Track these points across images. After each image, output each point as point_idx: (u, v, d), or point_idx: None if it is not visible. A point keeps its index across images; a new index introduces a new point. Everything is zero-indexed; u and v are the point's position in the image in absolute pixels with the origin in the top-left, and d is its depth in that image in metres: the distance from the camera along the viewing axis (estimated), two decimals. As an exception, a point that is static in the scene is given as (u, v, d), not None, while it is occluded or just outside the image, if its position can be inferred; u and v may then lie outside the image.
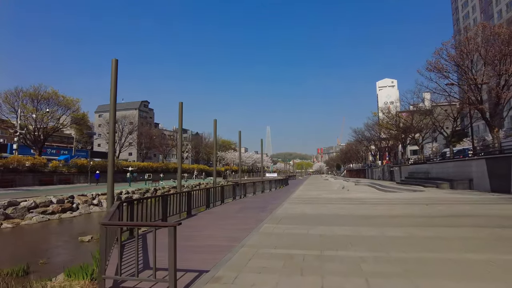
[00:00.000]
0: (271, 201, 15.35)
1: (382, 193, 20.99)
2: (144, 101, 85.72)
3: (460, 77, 22.28)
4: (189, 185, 39.90)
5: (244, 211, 11.62)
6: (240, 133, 20.10)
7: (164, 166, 56.41)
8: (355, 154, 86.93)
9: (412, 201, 14.52)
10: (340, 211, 11.19)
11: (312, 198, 17.06)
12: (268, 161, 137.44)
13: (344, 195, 18.54)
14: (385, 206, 12.47)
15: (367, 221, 8.76)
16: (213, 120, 20.40)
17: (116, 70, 8.15)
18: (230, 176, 67.44)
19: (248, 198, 17.22)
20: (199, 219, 9.78)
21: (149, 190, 30.75)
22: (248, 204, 14.09)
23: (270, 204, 13.57)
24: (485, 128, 58.37)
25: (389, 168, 46.81)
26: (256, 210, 11.78)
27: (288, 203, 14.21)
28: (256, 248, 5.81)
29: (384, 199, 15.69)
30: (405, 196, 17.10)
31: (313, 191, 22.83)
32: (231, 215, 10.47)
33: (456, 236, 6.62)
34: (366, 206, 12.60)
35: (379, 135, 53.58)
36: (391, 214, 10.16)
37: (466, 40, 20.13)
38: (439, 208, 11.66)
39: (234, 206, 13.29)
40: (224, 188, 14.70)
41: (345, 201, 15.15)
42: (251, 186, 19.28)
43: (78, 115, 36.46)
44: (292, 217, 9.82)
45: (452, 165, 25.28)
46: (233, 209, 12.07)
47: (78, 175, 36.69)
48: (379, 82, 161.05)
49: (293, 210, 11.57)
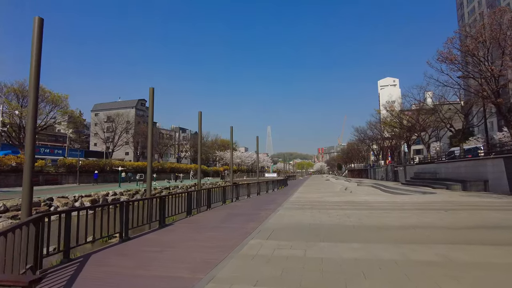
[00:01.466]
0: (265, 205, 13.52)
1: (390, 196, 19.15)
2: (141, 99, 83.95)
3: (473, 69, 20.35)
4: (184, 185, 38.10)
5: (231, 219, 9.79)
6: (232, 129, 18.23)
7: (159, 166, 54.64)
8: (356, 153, 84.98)
9: (426, 205, 12.68)
10: (345, 219, 9.35)
11: (312, 201, 15.23)
12: (268, 161, 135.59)
13: (347, 198, 16.70)
14: (397, 213, 10.62)
15: (380, 235, 6.93)
16: (198, 112, 18.40)
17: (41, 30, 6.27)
18: (228, 176, 65.58)
19: (240, 202, 15.40)
20: (171, 231, 7.95)
21: (139, 191, 28.96)
22: (238, 210, 12.26)
23: (263, 210, 11.74)
24: (491, 126, 56.53)
25: (393, 168, 44.90)
26: (245, 218, 9.94)
27: (284, 208, 12.37)
28: (228, 284, 3.98)
29: (393, 203, 13.84)
30: (416, 200, 15.25)
31: (313, 193, 20.98)
32: (213, 226, 8.64)
33: (509, 260, 4.79)
34: (375, 213, 10.76)
35: (382, 133, 51.66)
36: (407, 224, 8.32)
37: (482, 27, 18.27)
38: (461, 215, 9.82)
39: (221, 212, 11.46)
40: (211, 191, 12.86)
41: (349, 205, 13.31)
42: (245, 187, 17.45)
43: (66, 111, 34.67)
44: (287, 228, 7.99)
45: (464, 164, 23.40)
46: (218, 217, 10.24)
47: (66, 175, 34.93)
48: (381, 81, 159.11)
49: (289, 218, 9.74)
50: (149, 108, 13.58)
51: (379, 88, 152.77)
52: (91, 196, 23.40)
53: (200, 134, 22.30)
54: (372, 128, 53.96)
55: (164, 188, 33.34)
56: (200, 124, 18.54)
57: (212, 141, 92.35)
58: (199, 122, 18.37)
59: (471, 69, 19.82)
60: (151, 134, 14.01)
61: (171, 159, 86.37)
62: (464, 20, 66.95)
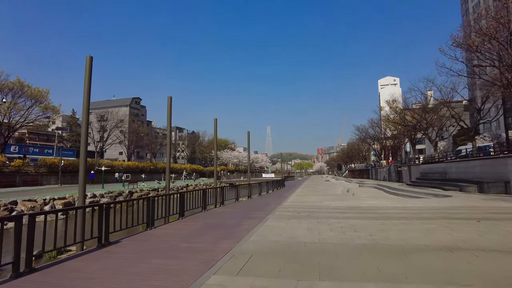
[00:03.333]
0: (253, 212, 11.19)
1: (399, 200, 16.83)
2: (135, 97, 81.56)
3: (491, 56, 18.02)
4: (174, 186, 35.76)
5: (202, 234, 7.46)
6: (216, 121, 15.82)
7: (152, 166, 52.26)
8: (357, 153, 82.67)
9: (448, 212, 10.37)
10: (352, 235, 7.03)
11: (310, 207, 12.90)
12: (267, 161, 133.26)
13: (351, 203, 14.36)
14: (417, 224, 8.30)
15: (411, 266, 4.60)
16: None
17: None
18: (225, 177, 63.20)
19: (225, 207, 13.07)
20: (108, 255, 5.61)
21: (123, 193, 26.62)
22: (218, 219, 9.94)
23: (248, 219, 9.41)
24: (497, 124, 54.25)
25: (397, 168, 42.56)
26: (222, 232, 7.63)
27: (275, 216, 10.04)
28: None
29: (407, 210, 11.53)
30: (432, 204, 12.93)
31: (311, 196, 18.65)
32: (171, 246, 6.30)
33: None
34: (389, 224, 8.44)
35: (385, 132, 49.35)
36: (439, 243, 6.00)
37: (504, 7, 15.98)
38: (504, 228, 7.51)
39: (195, 223, 9.13)
40: (186, 196, 10.53)
41: (354, 212, 11.00)
42: (233, 190, 15.12)
43: (48, 107, 32.27)
44: (272, 252, 5.66)
45: (479, 164, 21.09)
46: (187, 230, 7.92)
47: (48, 175, 32.55)
48: (381, 80, 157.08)
49: (278, 232, 7.41)
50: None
51: (380, 87, 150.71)
52: (65, 198, 21.08)
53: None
54: (374, 126, 51.63)
55: (152, 190, 31.01)
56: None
57: (209, 141, 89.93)
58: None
59: (489, 55, 17.52)
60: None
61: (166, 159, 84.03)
62: (469, 15, 64.68)
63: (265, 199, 16.84)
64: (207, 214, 11.02)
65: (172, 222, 9.17)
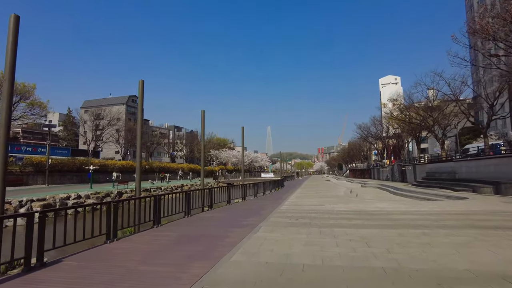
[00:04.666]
0: (244, 218, 9.59)
1: (409, 202, 15.23)
2: (132, 95, 79.94)
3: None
4: (168, 187, 34.18)
5: (171, 250, 5.86)
6: (203, 113, 14.10)
7: (147, 166, 50.61)
8: (358, 152, 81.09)
9: (473, 219, 8.78)
10: (364, 252, 5.42)
11: (310, 211, 11.29)
12: (267, 160, 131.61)
13: (357, 206, 12.75)
14: (443, 236, 6.70)
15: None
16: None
17: None
18: (223, 176, 61.57)
19: (213, 212, 11.48)
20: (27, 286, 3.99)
21: (111, 194, 25.03)
22: (199, 228, 8.35)
23: (235, 228, 7.82)
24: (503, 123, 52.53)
25: (401, 167, 40.98)
26: (197, 247, 6.03)
27: (269, 223, 8.44)
28: None
29: (422, 214, 9.93)
30: (449, 208, 11.33)
31: (312, 198, 17.05)
32: (124, 270, 4.68)
33: None
34: (407, 235, 6.85)
35: (387, 130, 47.71)
36: (487, 268, 4.39)
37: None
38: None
39: (169, 233, 7.52)
40: (163, 200, 8.91)
41: (362, 218, 9.39)
42: (223, 192, 13.50)
43: (35, 103, 30.69)
44: (259, 279, 4.05)
45: (494, 162, 19.49)
46: (155, 244, 6.31)
47: (34, 175, 30.97)
48: (382, 79, 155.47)
49: (270, 247, 5.80)
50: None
51: (381, 86, 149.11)
52: (45, 200, 19.50)
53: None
54: (377, 124, 49.96)
55: (143, 190, 29.41)
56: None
57: (207, 140, 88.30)
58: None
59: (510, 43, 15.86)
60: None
61: (165, 158, 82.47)
62: (474, 10, 62.89)
63: (261, 202, 15.23)
64: (190, 220, 9.41)
65: (143, 232, 7.57)
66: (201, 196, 11.35)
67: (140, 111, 10.36)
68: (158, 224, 8.32)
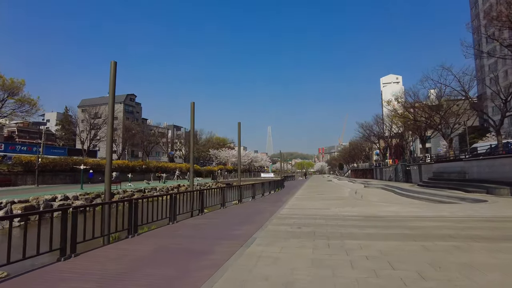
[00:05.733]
0: (236, 226, 8.24)
1: (424, 205, 13.87)
2: (130, 94, 78.59)
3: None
4: (164, 187, 32.83)
5: (132, 273, 4.51)
6: (193, 104, 12.58)
7: (144, 165, 49.30)
8: (360, 152, 79.69)
9: (510, 228, 7.44)
10: (391, 279, 4.07)
11: (314, 216, 9.94)
12: (267, 160, 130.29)
13: (366, 209, 11.39)
14: (482, 250, 5.35)
15: None
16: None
17: None
18: (222, 176, 60.20)
19: (201, 218, 10.13)
20: None
21: (101, 195, 23.68)
22: (177, 240, 7.00)
23: (223, 240, 6.47)
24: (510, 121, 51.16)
25: (405, 167, 39.56)
26: (168, 269, 4.68)
27: (265, 235, 7.09)
28: None
29: (443, 220, 8.58)
30: (471, 213, 9.96)
31: (315, 201, 15.69)
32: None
33: None
34: (436, 249, 5.52)
35: (390, 128, 46.32)
36: None
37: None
38: None
39: (142, 247, 6.16)
40: (144, 204, 7.58)
41: (376, 225, 8.04)
42: (217, 194, 12.15)
43: (24, 100, 29.32)
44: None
45: (510, 162, 18.10)
46: (117, 263, 4.95)
47: (24, 175, 29.64)
48: (383, 78, 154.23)
49: (264, 272, 4.43)
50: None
51: (382, 86, 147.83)
52: (28, 202, 18.18)
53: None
54: (379, 123, 48.56)
55: (137, 191, 28.08)
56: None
57: (206, 139, 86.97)
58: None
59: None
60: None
61: (164, 158, 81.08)
62: (478, 6, 61.33)
63: (258, 205, 13.89)
64: (173, 229, 8.06)
65: (112, 245, 6.23)
66: (190, 200, 10.00)
67: (112, 97, 9.07)
68: (134, 234, 6.98)
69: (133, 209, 6.99)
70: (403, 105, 35.83)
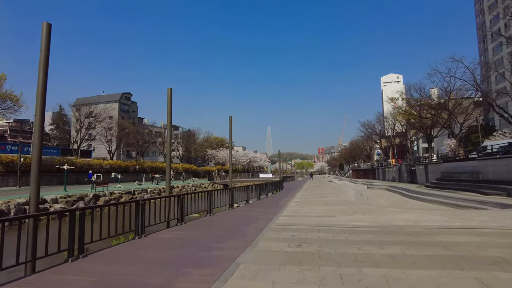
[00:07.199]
0: (215, 244, 6.44)
1: (445, 212, 12.04)
2: (126, 93, 76.75)
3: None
4: (155, 189, 31.02)
5: None
6: (170, 90, 10.67)
7: (137, 165, 47.52)
8: (361, 152, 77.93)
9: None
10: None
11: (317, 226, 8.16)
12: (266, 160, 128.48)
13: (379, 217, 9.59)
14: None
15: None
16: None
17: None
18: (219, 177, 58.39)
19: (179, 230, 8.34)
20: None
21: (85, 198, 21.89)
22: (134, 265, 5.23)
23: (191, 269, 4.68)
24: None
25: (409, 167, 37.78)
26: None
27: (250, 262, 5.29)
28: None
29: (479, 233, 6.81)
30: (510, 222, 8.19)
31: (317, 205, 13.89)
32: None
33: None
34: (496, 284, 3.72)
35: (393, 127, 44.56)
36: None
37: None
38: None
39: (73, 279, 4.37)
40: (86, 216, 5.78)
41: (397, 242, 6.24)
42: (203, 199, 10.37)
43: (4, 96, 27.55)
44: None
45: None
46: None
47: (5, 175, 27.88)
48: (384, 77, 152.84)
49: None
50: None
51: (382, 85, 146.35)
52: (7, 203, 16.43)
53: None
54: (382, 121, 46.81)
55: (125, 193, 26.27)
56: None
57: (203, 139, 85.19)
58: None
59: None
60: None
61: (160, 158, 79.22)
62: (485, 29, 58.21)
63: (251, 210, 12.10)
64: (136, 246, 6.26)
65: (49, 270, 4.44)
66: (166, 207, 8.19)
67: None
68: (76, 256, 5.18)
69: (73, 223, 5.17)
70: (408, 101, 34.07)
